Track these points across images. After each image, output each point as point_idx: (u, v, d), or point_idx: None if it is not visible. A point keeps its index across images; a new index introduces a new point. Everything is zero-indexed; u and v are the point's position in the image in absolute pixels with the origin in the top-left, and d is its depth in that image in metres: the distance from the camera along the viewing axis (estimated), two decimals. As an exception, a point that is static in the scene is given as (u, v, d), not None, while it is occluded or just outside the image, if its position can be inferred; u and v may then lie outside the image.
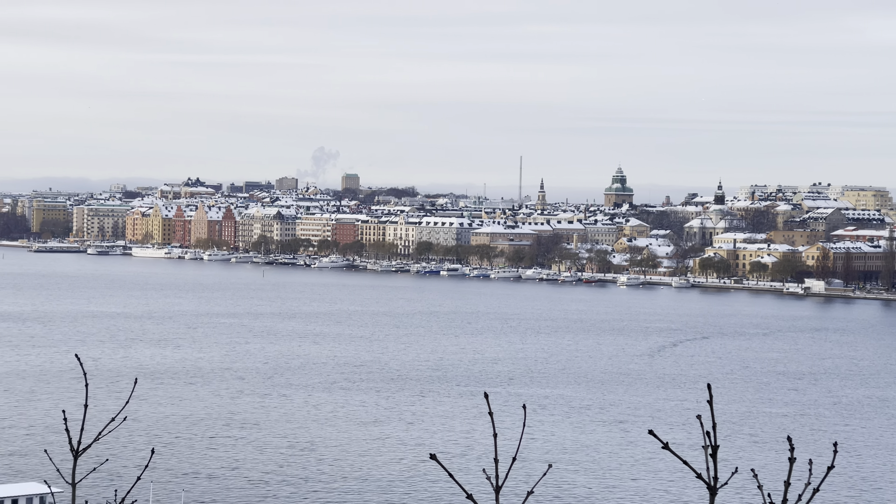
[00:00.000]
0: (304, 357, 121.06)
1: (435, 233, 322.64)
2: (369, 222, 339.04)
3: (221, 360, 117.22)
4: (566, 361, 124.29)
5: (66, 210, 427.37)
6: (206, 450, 74.57)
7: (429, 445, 76.79)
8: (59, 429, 77.55)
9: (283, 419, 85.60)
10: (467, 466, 69.39)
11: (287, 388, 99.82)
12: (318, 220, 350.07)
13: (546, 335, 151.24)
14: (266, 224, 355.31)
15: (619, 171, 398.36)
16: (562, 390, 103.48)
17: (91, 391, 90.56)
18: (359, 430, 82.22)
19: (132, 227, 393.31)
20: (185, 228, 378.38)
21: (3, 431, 78.15)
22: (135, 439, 75.59)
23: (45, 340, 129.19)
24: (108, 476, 64.20)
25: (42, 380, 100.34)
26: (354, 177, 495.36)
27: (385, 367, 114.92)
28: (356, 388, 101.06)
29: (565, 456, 75.28)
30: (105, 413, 77.53)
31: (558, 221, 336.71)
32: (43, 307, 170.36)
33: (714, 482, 4.64)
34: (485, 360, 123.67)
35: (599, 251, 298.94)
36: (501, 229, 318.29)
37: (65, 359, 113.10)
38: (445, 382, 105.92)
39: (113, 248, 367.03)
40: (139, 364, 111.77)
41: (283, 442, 77.57)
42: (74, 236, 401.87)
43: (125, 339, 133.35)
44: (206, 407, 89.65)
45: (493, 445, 5.16)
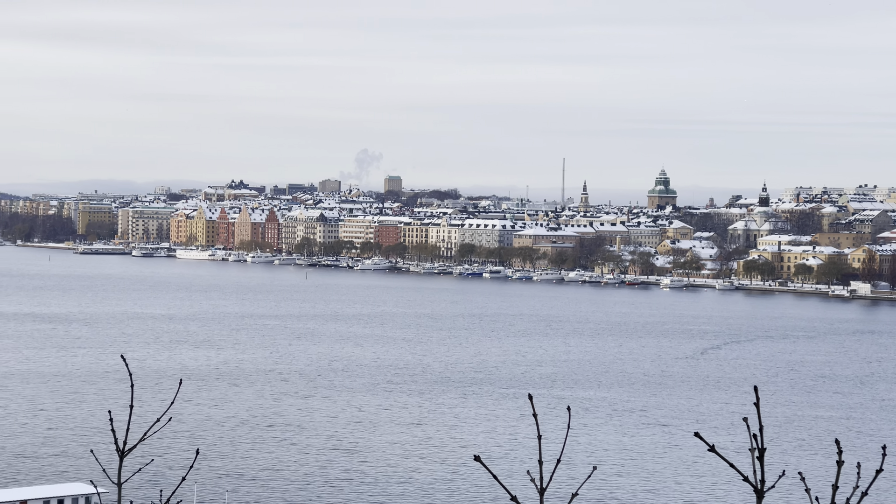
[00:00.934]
0: (347, 359, 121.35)
1: (477, 235, 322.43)
2: (412, 224, 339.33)
3: (265, 361, 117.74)
4: (609, 364, 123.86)
5: (111, 212, 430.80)
6: (249, 451, 74.92)
7: (472, 447, 76.76)
8: (105, 429, 78.18)
9: (326, 421, 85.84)
10: (511, 468, 69.31)
11: (330, 390, 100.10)
12: (360, 223, 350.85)
13: (589, 337, 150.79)
14: (309, 226, 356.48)
15: (663, 172, 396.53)
16: (605, 393, 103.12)
17: (136, 392, 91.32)
18: (402, 432, 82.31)
19: (176, 229, 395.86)
20: (228, 230, 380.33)
21: (49, 432, 78.88)
22: (179, 440, 76.06)
23: (90, 342, 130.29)
24: (153, 476, 64.64)
25: (88, 381, 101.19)
26: (397, 179, 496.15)
27: (428, 370, 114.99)
28: (399, 390, 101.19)
29: (609, 458, 75.01)
30: (150, 414, 78.15)
31: (601, 223, 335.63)
32: (89, 309, 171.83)
33: (761, 485, 4.59)
34: (528, 362, 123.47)
35: (642, 253, 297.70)
36: (544, 231, 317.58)
37: (110, 360, 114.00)
38: (488, 384, 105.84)
39: (157, 250, 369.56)
40: (183, 365, 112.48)
41: (327, 444, 77.78)
42: (119, 238, 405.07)
43: (169, 340, 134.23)
44: (249, 408, 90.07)
45: (536, 447, 5.11)
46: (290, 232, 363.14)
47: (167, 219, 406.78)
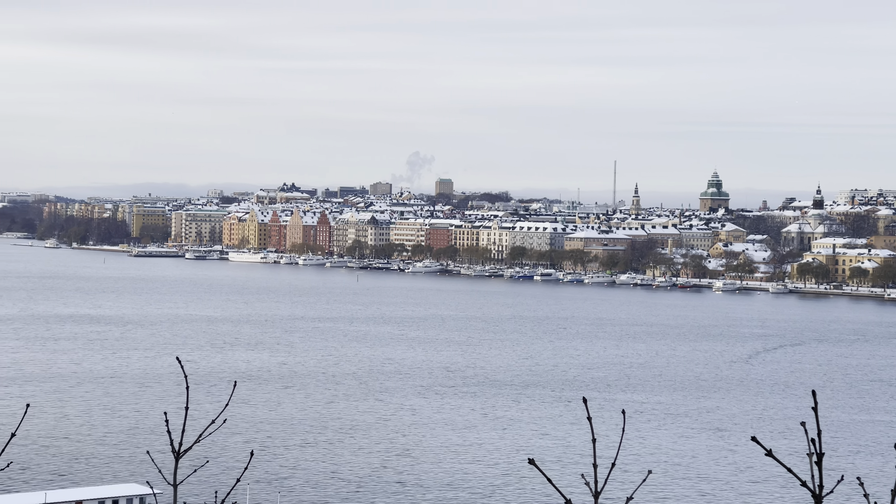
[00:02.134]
0: (399, 361, 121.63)
1: (528, 238, 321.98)
2: (463, 227, 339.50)
3: (317, 364, 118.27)
4: (662, 367, 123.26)
5: (164, 215, 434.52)
6: (302, 453, 75.31)
7: (525, 451, 76.69)
8: (160, 431, 78.93)
9: (378, 424, 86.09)
10: (564, 472, 69.19)
11: (382, 393, 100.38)
12: (411, 225, 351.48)
13: (641, 340, 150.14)
14: (360, 229, 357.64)
15: (715, 175, 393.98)
16: (658, 396, 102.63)
17: (190, 394, 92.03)
18: (454, 435, 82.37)
19: (229, 231, 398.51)
20: (280, 233, 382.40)
21: (105, 434, 79.73)
22: (234, 442, 76.62)
23: (145, 344, 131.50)
24: (208, 478, 65.17)
25: (142, 383, 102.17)
26: (448, 182, 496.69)
27: (480, 372, 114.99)
28: (451, 393, 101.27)
29: (663, 462, 74.66)
30: (203, 415, 78.84)
31: (653, 226, 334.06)
32: (143, 311, 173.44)
33: (819, 490, 4.53)
34: (580, 365, 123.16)
35: (694, 256, 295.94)
36: (595, 234, 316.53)
37: (165, 362, 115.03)
38: (540, 387, 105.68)
39: (210, 253, 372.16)
40: (236, 367, 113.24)
41: (379, 446, 78.01)
42: (173, 241, 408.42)
43: (223, 343, 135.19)
44: (302, 411, 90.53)
45: (590, 451, 5.09)
46: (341, 235, 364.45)
47: (220, 222, 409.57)
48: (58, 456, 72.27)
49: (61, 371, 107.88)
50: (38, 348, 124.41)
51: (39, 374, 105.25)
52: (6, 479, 63.66)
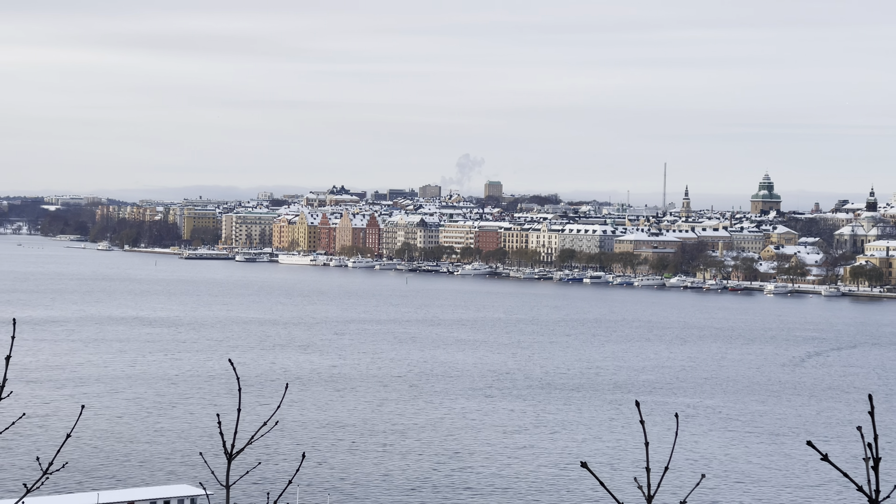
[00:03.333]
0: (449, 364, 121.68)
1: (578, 240, 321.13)
2: (512, 230, 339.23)
3: (367, 366, 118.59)
4: (713, 370, 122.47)
5: (215, 218, 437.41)
6: (352, 456, 75.52)
7: (576, 454, 76.49)
8: (212, 432, 79.47)
9: (428, 427, 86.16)
10: (616, 476, 68.95)
11: (432, 395, 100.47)
12: (461, 228, 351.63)
13: (692, 343, 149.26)
14: (409, 231, 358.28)
15: (766, 177, 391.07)
16: (710, 400, 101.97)
17: (242, 396, 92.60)
18: (505, 439, 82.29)
19: (279, 234, 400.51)
20: (330, 236, 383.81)
21: (157, 435, 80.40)
22: (284, 444, 77.01)
23: (196, 346, 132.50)
24: (259, 479, 65.55)
25: (194, 384, 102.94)
26: (497, 184, 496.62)
27: (530, 375, 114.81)
28: (501, 396, 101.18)
29: (716, 466, 74.16)
30: (254, 417, 79.21)
31: (703, 229, 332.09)
32: (194, 313, 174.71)
33: (876, 495, 4.46)
34: (631, 368, 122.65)
35: (745, 259, 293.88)
36: (645, 237, 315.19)
37: (215, 364, 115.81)
38: (591, 390, 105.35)
39: (260, 256, 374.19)
40: (286, 370, 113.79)
41: (429, 449, 78.07)
42: (223, 243, 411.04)
43: (273, 345, 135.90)
44: (352, 413, 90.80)
45: (642, 454, 5.12)
46: (390, 237, 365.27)
47: (270, 224, 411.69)
48: (111, 457, 72.95)
49: (114, 373, 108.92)
50: (91, 350, 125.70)
51: (93, 376, 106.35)
52: (61, 479, 64.37)
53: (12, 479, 65.07)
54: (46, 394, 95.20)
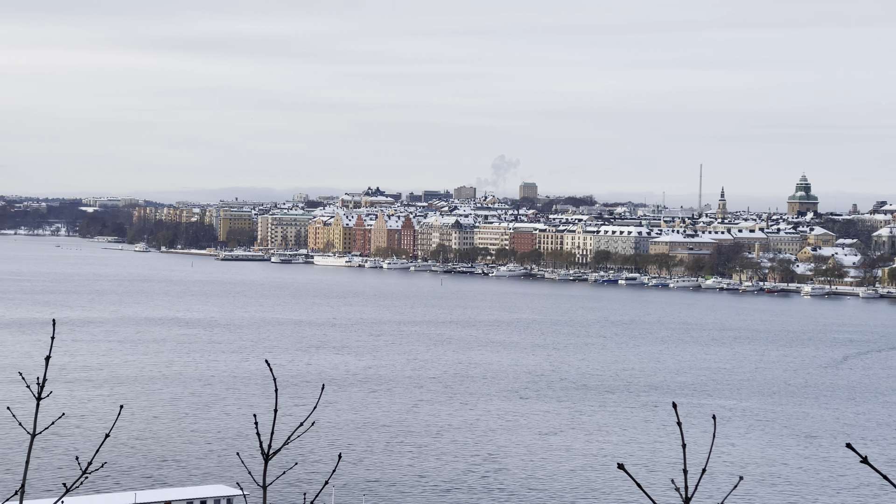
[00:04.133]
0: (484, 366, 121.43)
1: (613, 242, 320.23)
2: (547, 231, 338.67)
3: (402, 368, 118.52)
4: (750, 372, 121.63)
5: (251, 219, 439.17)
6: (387, 457, 75.41)
7: (612, 456, 76.08)
8: (248, 433, 79.56)
9: (463, 428, 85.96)
10: (653, 478, 68.47)
11: (467, 397, 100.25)
12: (496, 229, 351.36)
13: (729, 345, 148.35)
14: (444, 233, 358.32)
15: (804, 178, 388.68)
16: (747, 402, 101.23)
17: (278, 396, 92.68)
18: (541, 440, 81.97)
19: (314, 235, 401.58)
20: (365, 237, 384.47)
21: (194, 435, 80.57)
22: (320, 445, 77.00)
23: (232, 347, 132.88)
24: (295, 480, 65.54)
25: (230, 385, 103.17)
26: (532, 186, 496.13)
27: (565, 377, 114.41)
28: (536, 397, 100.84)
29: (754, 469, 73.55)
30: (290, 418, 79.30)
31: (739, 230, 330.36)
32: (230, 314, 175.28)
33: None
34: (666, 370, 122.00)
35: (782, 260, 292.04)
36: (681, 238, 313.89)
37: (252, 365, 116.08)
38: (627, 392, 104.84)
39: (295, 257, 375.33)
40: (322, 371, 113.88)
41: (464, 451, 77.86)
42: (259, 245, 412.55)
43: (308, 346, 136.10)
44: (387, 414, 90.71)
45: (679, 456, 4.91)
46: (425, 238, 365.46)
47: (305, 226, 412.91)
48: (148, 457, 73.17)
49: (152, 373, 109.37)
50: (128, 351, 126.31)
51: (131, 377, 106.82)
52: (100, 479, 64.58)
53: (52, 478, 65.36)
54: (85, 394, 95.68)
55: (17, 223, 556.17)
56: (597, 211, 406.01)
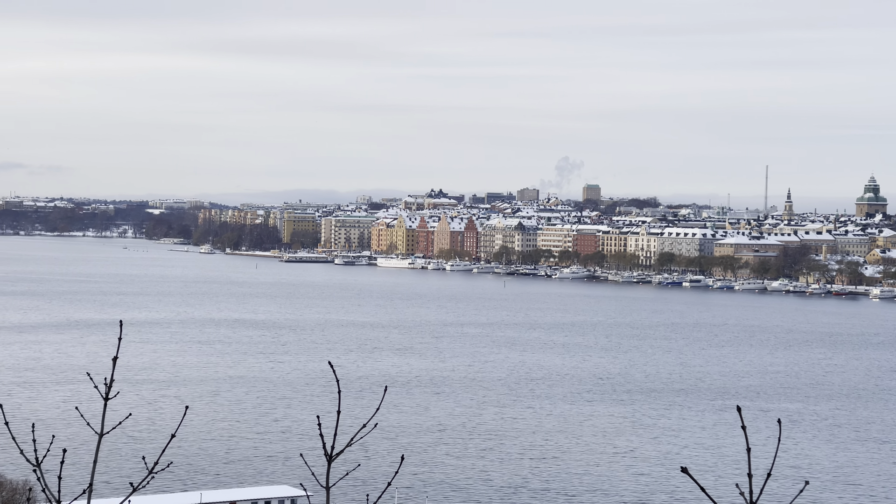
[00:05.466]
0: (548, 368, 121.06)
1: (677, 244, 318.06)
2: (610, 233, 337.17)
3: (466, 369, 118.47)
4: (818, 376, 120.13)
5: (314, 221, 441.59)
6: (450, 459, 75.36)
7: (677, 459, 75.48)
8: (312, 434, 79.89)
9: (527, 430, 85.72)
10: (717, 482, 67.80)
11: (531, 399, 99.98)
12: (559, 231, 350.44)
13: (796, 348, 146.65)
14: (507, 235, 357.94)
15: (872, 179, 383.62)
16: (814, 406, 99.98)
17: (341, 397, 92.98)
18: (604, 443, 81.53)
19: (377, 237, 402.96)
20: (427, 239, 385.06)
21: (258, 436, 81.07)
22: (383, 446, 77.14)
23: (296, 348, 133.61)
24: (358, 481, 65.69)
25: (294, 386, 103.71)
26: (595, 188, 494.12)
27: (629, 379, 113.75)
28: (600, 400, 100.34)
29: (821, 474, 72.59)
30: (353, 419, 79.53)
31: (806, 232, 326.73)
32: (294, 315, 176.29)
33: None
34: (732, 373, 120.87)
35: (850, 263, 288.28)
36: (746, 240, 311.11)
37: (315, 366, 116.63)
38: (692, 395, 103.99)
39: (359, 259, 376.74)
40: (385, 372, 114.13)
41: (528, 453, 77.63)
42: (322, 247, 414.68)
43: (372, 347, 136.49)
44: (451, 416, 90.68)
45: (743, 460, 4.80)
46: (488, 240, 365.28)
47: (368, 227, 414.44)
48: (213, 457, 73.74)
49: (216, 374, 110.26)
50: (194, 352, 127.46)
51: (196, 377, 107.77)
52: (166, 479, 65.17)
53: (119, 477, 66.06)
54: (151, 394, 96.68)
55: (85, 225, 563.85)
56: (661, 213, 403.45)
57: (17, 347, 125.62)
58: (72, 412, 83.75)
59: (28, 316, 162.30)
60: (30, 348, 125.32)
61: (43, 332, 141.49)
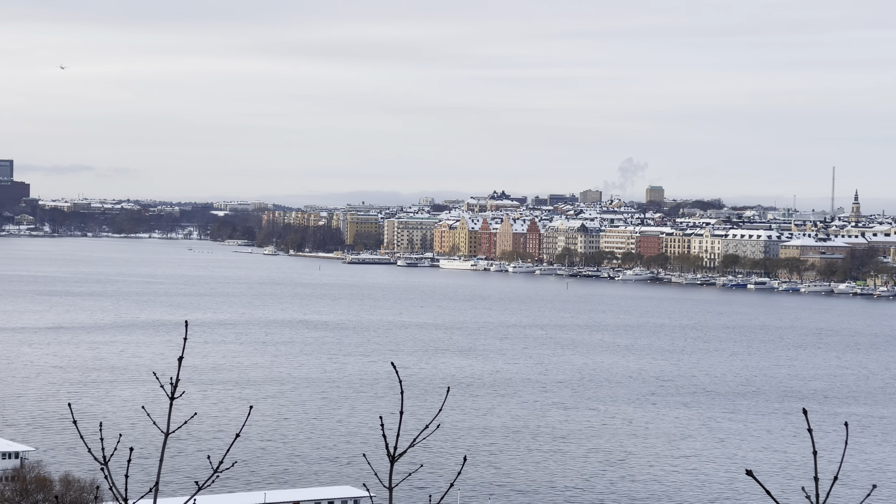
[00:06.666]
0: (611, 370, 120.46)
1: (742, 245, 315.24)
2: (674, 235, 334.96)
3: (529, 371, 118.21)
4: (886, 380, 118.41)
5: (377, 223, 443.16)
6: (512, 460, 75.19)
7: (742, 462, 74.75)
8: (374, 434, 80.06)
9: (590, 432, 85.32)
10: (784, 485, 67.03)
11: (594, 401, 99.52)
12: (621, 233, 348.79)
13: (864, 351, 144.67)
14: (570, 236, 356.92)
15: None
16: (883, 409, 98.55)
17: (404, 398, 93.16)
18: (668, 446, 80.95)
19: (439, 239, 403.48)
20: (490, 241, 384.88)
21: (322, 436, 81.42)
22: (446, 447, 77.15)
23: (359, 349, 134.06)
24: (421, 482, 65.73)
25: (357, 387, 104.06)
26: (659, 189, 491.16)
27: (693, 382, 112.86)
28: (664, 403, 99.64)
29: (888, 478, 71.52)
30: (416, 420, 79.59)
31: (874, 234, 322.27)
32: (357, 317, 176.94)
33: None
34: (798, 376, 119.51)
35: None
36: (812, 242, 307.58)
37: (378, 367, 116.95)
38: (757, 398, 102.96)
39: (421, 260, 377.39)
40: (447, 373, 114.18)
41: (591, 456, 77.25)
42: (385, 248, 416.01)
43: (434, 348, 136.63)
44: (514, 418, 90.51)
45: (810, 463, 4.70)
46: (550, 242, 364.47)
47: (431, 229, 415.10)
48: (277, 457, 74.19)
49: (280, 374, 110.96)
50: (258, 352, 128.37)
51: (260, 378, 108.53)
52: (230, 478, 65.65)
53: (184, 476, 66.65)
54: (216, 394, 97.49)
55: (151, 227, 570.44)
56: (725, 214, 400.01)
57: (85, 348, 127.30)
58: (138, 411, 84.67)
59: (96, 317, 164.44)
60: (98, 348, 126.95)
61: (110, 333, 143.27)
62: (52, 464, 66.95)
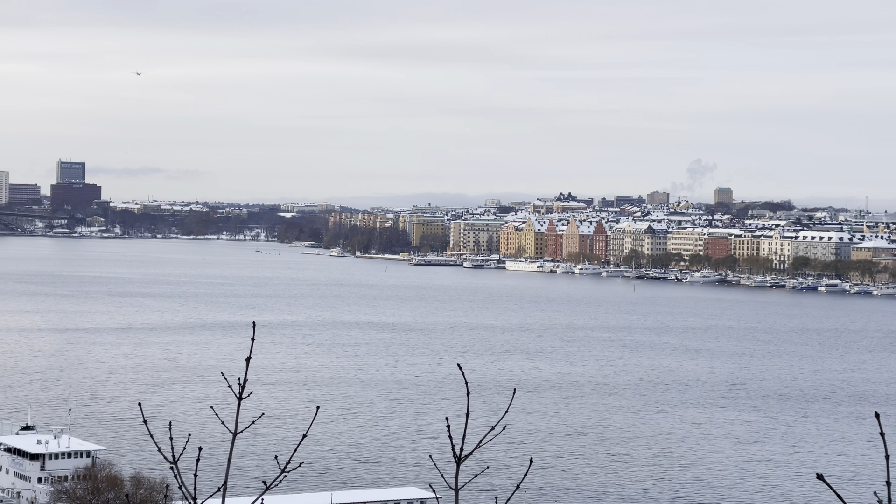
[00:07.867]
0: (679, 373, 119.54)
1: (812, 247, 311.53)
2: (742, 237, 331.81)
3: (595, 374, 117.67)
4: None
5: (443, 225, 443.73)
6: (579, 463, 74.85)
7: (813, 467, 73.80)
8: (440, 436, 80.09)
9: (657, 436, 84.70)
10: (856, 490, 66.07)
11: (662, 404, 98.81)
12: (689, 235, 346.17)
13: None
14: (637, 238, 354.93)
15: None
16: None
17: (470, 400, 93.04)
18: (737, 450, 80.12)
19: (506, 241, 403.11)
20: (556, 242, 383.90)
21: (387, 437, 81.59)
22: (512, 449, 76.98)
23: (426, 351, 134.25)
24: (487, 484, 65.63)
25: (424, 389, 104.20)
26: (727, 191, 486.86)
27: (764, 385, 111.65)
28: (734, 406, 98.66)
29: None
30: (482, 422, 79.48)
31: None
32: (423, 318, 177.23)
33: None
34: (871, 379, 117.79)
35: None
36: (885, 244, 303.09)
37: (444, 368, 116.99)
38: (829, 402, 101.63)
39: (487, 262, 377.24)
40: (514, 375, 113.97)
41: (658, 459, 76.68)
42: (451, 250, 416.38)
43: (502, 351, 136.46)
44: (580, 420, 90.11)
45: (883, 468, 4.54)
46: (617, 244, 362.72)
47: (497, 231, 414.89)
48: (344, 458, 74.47)
49: (347, 376, 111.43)
50: (324, 353, 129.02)
51: (326, 379, 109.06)
52: (298, 478, 66.01)
53: (252, 476, 67.11)
54: (283, 395, 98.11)
55: (219, 228, 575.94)
56: (795, 216, 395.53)
57: (155, 348, 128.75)
58: (207, 411, 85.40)
59: (165, 317, 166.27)
60: (167, 349, 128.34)
61: (180, 334, 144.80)
62: (122, 463, 67.74)
